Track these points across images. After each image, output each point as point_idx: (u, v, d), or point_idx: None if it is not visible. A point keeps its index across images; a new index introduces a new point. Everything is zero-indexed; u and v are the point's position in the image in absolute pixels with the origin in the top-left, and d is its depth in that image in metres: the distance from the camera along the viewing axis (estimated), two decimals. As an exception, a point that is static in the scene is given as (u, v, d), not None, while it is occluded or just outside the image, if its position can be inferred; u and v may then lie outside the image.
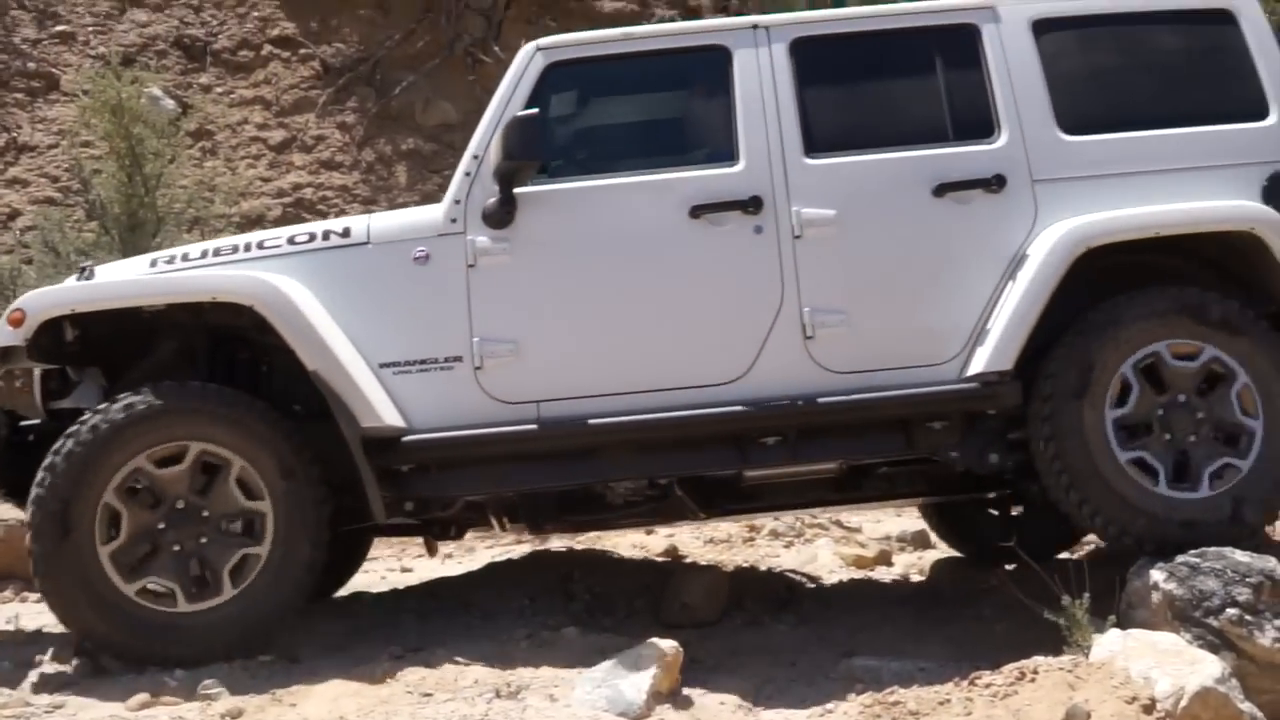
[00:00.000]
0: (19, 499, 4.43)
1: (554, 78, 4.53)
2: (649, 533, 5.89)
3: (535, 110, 4.30)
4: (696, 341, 4.34)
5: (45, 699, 3.85)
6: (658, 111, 5.09)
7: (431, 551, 5.29)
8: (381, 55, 10.58)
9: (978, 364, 4.27)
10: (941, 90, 4.65)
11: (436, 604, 4.91)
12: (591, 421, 4.25)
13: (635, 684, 3.72)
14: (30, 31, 10.26)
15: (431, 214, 4.46)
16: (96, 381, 4.54)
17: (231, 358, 4.52)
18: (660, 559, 5.81)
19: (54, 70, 10.08)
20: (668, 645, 3.82)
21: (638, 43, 4.72)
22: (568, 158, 4.71)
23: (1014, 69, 4.57)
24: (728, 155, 4.47)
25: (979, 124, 4.54)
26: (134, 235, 8.21)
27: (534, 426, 4.25)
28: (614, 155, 4.82)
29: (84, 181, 9.00)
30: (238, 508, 4.15)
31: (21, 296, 4.40)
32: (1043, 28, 4.63)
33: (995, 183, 4.41)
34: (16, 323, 4.17)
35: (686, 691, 3.86)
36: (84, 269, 4.51)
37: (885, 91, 4.78)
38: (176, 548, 4.10)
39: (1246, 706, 3.50)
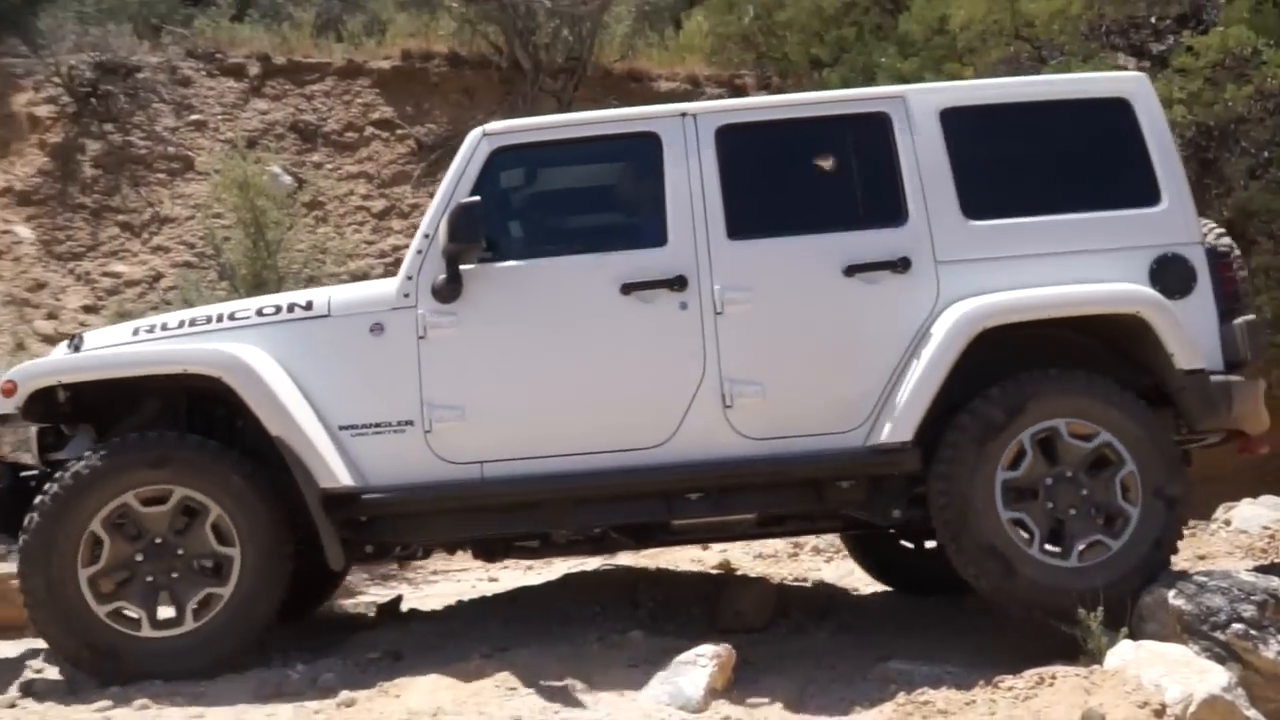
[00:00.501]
0: (12, 538, 4.27)
1: (499, 161, 4.35)
2: (705, 548, 5.86)
3: (478, 198, 4.14)
4: (626, 408, 4.21)
5: (189, 688, 3.92)
6: (595, 193, 4.91)
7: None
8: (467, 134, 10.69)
9: (881, 433, 4.13)
10: (854, 176, 4.44)
11: (519, 610, 4.89)
12: (529, 480, 4.14)
13: (694, 682, 3.72)
14: (169, 120, 10.56)
15: (386, 288, 4.33)
16: (88, 435, 4.41)
17: (209, 413, 4.38)
18: (715, 571, 5.80)
19: (189, 153, 10.35)
20: (722, 649, 3.82)
21: (577, 128, 4.58)
22: (511, 236, 4.56)
23: (922, 157, 4.34)
24: (656, 237, 4.29)
25: (888, 209, 4.33)
26: (259, 292, 8.38)
27: (478, 484, 4.15)
28: (553, 235, 4.77)
29: (216, 248, 9.22)
30: (209, 550, 4.08)
31: (13, 369, 4.31)
32: (950, 117, 4.40)
33: (901, 265, 4.23)
34: (9, 393, 4.12)
35: (739, 690, 3.83)
36: (73, 338, 4.48)
37: (803, 177, 4.51)
38: (149, 579, 4.05)
39: (1252, 714, 3.44)
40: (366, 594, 6.36)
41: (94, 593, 4.03)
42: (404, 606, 5.50)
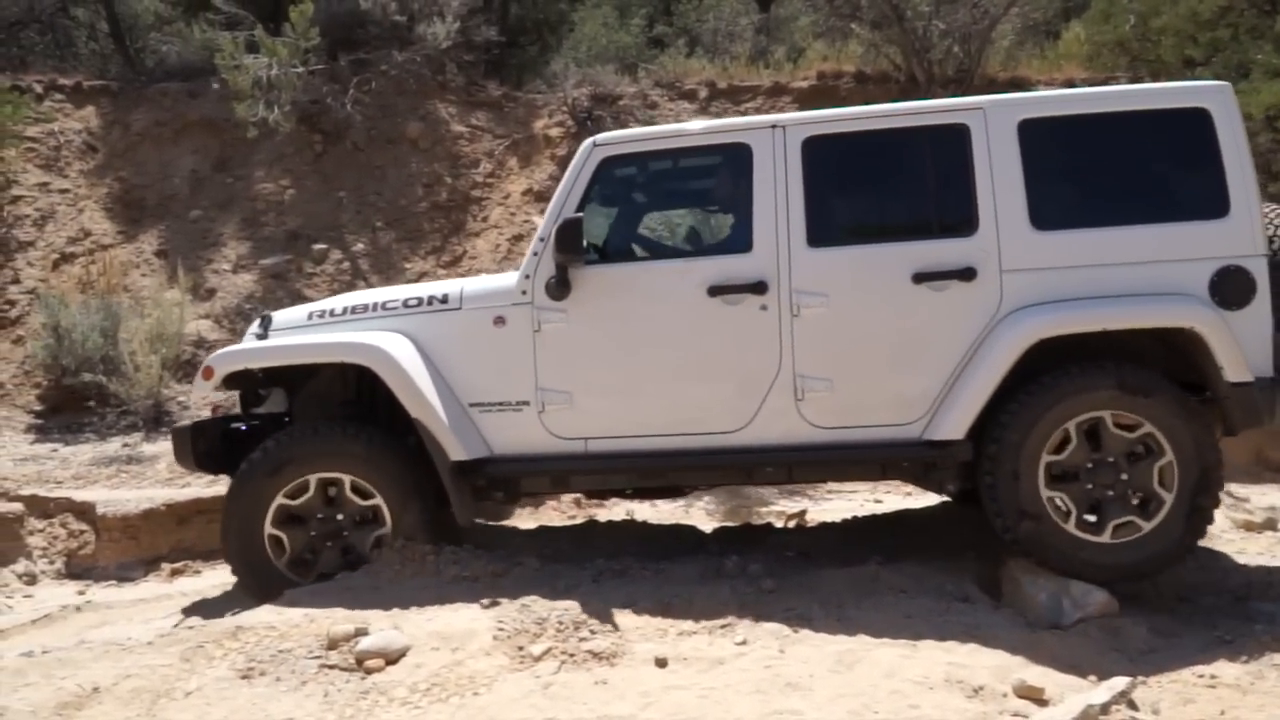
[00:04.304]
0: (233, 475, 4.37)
1: (608, 170, 4.08)
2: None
3: (581, 214, 3.94)
4: (709, 397, 3.98)
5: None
6: (692, 201, 4.64)
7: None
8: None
9: (937, 429, 3.83)
10: (930, 187, 3.97)
11: (904, 530, 4.83)
12: (624, 456, 4.01)
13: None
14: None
15: (508, 283, 4.14)
16: (280, 396, 4.56)
17: (374, 381, 4.20)
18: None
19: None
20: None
21: (678, 139, 4.18)
22: (615, 240, 4.30)
23: (997, 169, 3.84)
24: (744, 244, 3.96)
25: (960, 220, 3.88)
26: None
27: (582, 457, 4.04)
28: (652, 240, 4.52)
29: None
30: (356, 509, 4.13)
31: (210, 355, 4.35)
32: (1027, 129, 3.87)
33: (968, 274, 3.82)
34: (208, 376, 4.20)
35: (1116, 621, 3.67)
36: (263, 318, 4.47)
37: (881, 187, 4.10)
38: (329, 543, 4.14)
39: None
40: (776, 505, 6.47)
41: (273, 551, 4.16)
42: (809, 519, 5.59)
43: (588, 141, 4.12)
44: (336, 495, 4.15)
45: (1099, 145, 3.90)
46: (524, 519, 5.30)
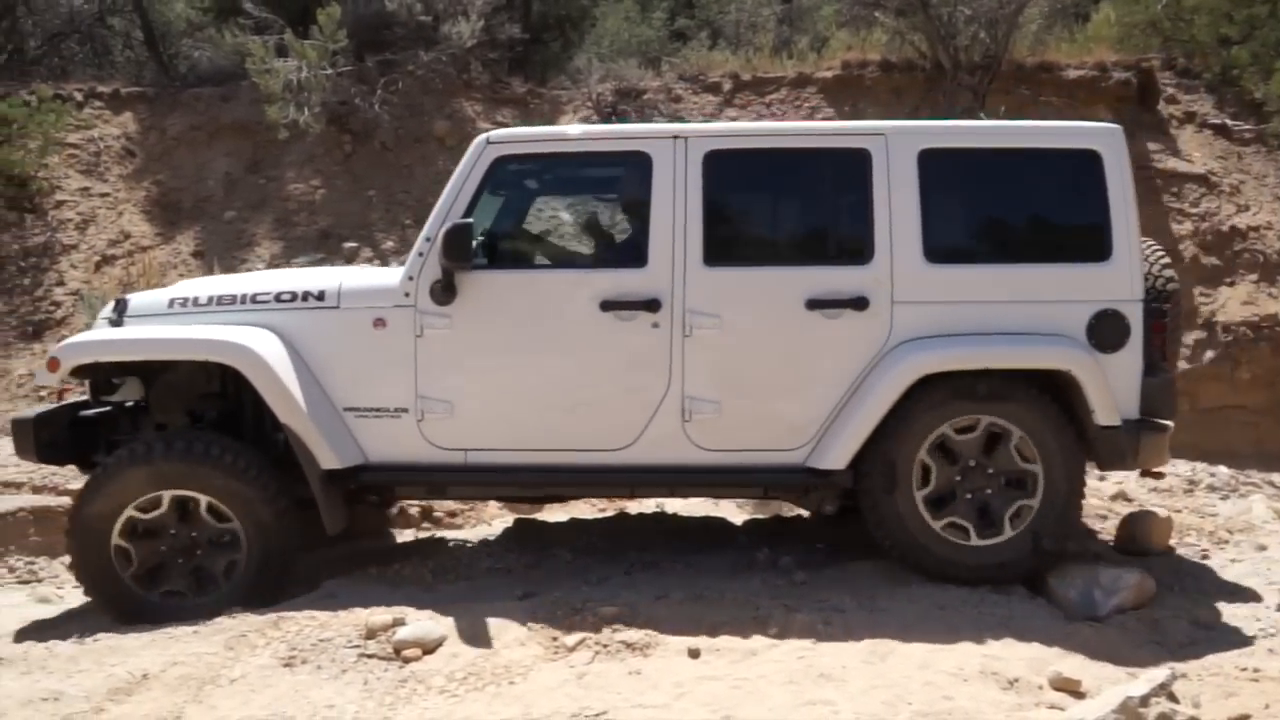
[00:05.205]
0: (85, 469, 4.16)
1: (501, 169, 3.87)
2: (1101, 479, 5.39)
3: (470, 220, 3.74)
4: (596, 414, 3.84)
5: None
6: (586, 209, 4.44)
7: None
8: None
9: (819, 459, 3.77)
10: (829, 212, 3.93)
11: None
12: (505, 470, 3.87)
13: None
14: (665, 128, 11.10)
15: (390, 283, 3.89)
16: (135, 384, 4.12)
17: (240, 377, 3.91)
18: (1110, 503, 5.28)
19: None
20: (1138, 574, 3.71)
21: (575, 143, 4.04)
22: (504, 246, 4.12)
23: (895, 198, 3.74)
24: (640, 258, 3.80)
25: (856, 247, 3.80)
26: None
27: (461, 469, 3.88)
28: (545, 248, 4.36)
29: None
30: (212, 530, 3.85)
31: (56, 346, 4.11)
32: (927, 159, 3.77)
33: (860, 303, 3.74)
34: (54, 368, 3.90)
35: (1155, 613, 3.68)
36: (118, 302, 4.13)
37: (780, 207, 3.99)
38: (180, 560, 3.87)
39: None
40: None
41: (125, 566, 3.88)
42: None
43: (480, 138, 3.91)
44: (192, 513, 3.86)
45: (994, 180, 3.86)
46: (554, 512, 5.33)
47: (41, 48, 12.06)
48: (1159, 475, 4.10)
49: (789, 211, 4.03)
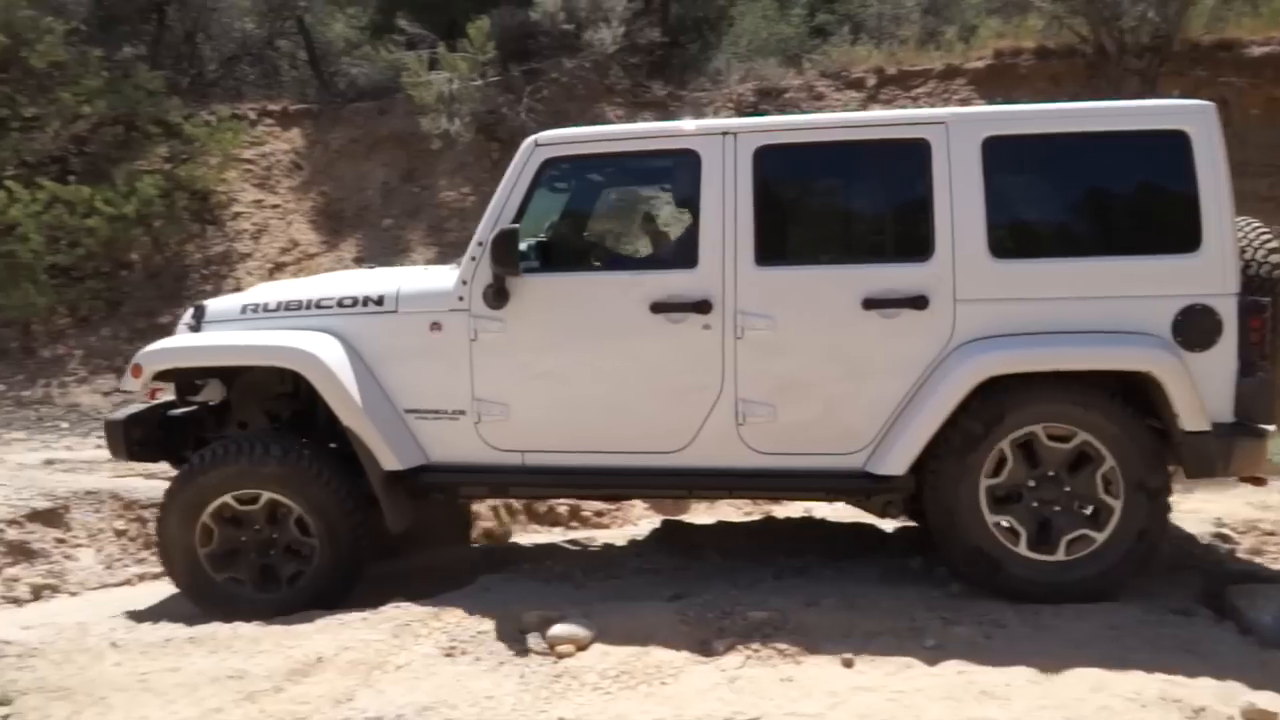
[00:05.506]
0: (175, 466, 4.30)
1: (550, 170, 3.81)
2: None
3: (517, 226, 3.68)
4: (648, 417, 3.75)
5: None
6: (637, 209, 4.28)
7: None
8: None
9: (878, 463, 3.62)
10: (886, 206, 3.75)
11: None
12: (560, 471, 3.83)
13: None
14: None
15: (445, 286, 3.87)
16: (216, 385, 4.28)
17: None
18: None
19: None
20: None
21: (623, 142, 3.91)
22: (556, 247, 4.05)
23: (957, 190, 3.51)
24: (690, 259, 3.67)
25: (915, 243, 3.58)
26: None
27: (519, 470, 3.85)
28: (594, 249, 4.21)
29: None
30: (294, 539, 3.96)
31: (139, 353, 4.18)
32: (992, 147, 3.51)
33: (920, 302, 3.54)
34: (137, 374, 4.06)
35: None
36: (197, 307, 4.27)
37: (835, 204, 3.85)
38: (253, 555, 3.99)
39: None
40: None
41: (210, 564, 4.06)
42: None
43: (529, 140, 3.89)
44: (281, 518, 3.99)
45: (1068, 168, 3.58)
46: (701, 514, 5.34)
47: (218, 71, 13.01)
48: (1260, 482, 3.70)
49: (844, 207, 3.91)
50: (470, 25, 9.80)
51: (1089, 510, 3.53)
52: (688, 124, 3.92)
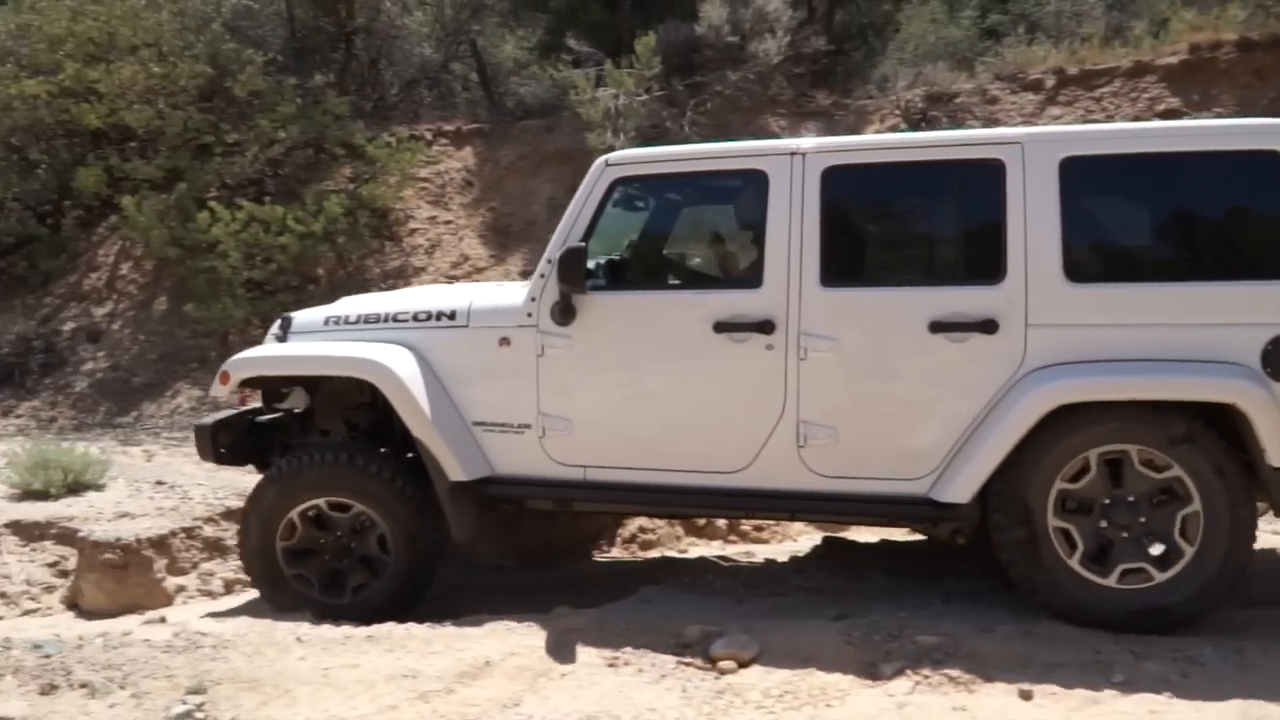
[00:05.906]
0: (261, 470, 4.42)
1: (619, 190, 3.84)
2: None
3: (584, 244, 3.72)
4: (709, 436, 3.75)
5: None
6: (705, 229, 4.20)
7: None
8: (1258, 115, 9.10)
9: (942, 491, 3.53)
10: (956, 228, 3.66)
11: None
12: (621, 488, 3.86)
13: None
14: (978, 131, 10.47)
15: (514, 303, 3.94)
16: (300, 393, 4.42)
17: None
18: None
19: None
20: None
21: (693, 162, 3.93)
22: (623, 265, 4.06)
23: (1031, 212, 3.40)
24: (754, 279, 3.67)
25: (986, 266, 3.48)
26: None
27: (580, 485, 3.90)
28: (661, 268, 4.18)
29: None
30: (371, 552, 4.06)
31: (227, 361, 4.34)
32: (1071, 167, 3.39)
33: (989, 326, 3.44)
34: (225, 381, 4.22)
35: None
36: (284, 319, 4.41)
37: (903, 225, 3.80)
38: (326, 558, 4.13)
39: None
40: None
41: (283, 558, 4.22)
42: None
43: (599, 160, 3.95)
44: (364, 530, 4.12)
45: (1149, 189, 3.46)
46: (864, 533, 5.21)
47: (398, 95, 13.83)
48: None
49: (912, 229, 3.86)
50: (637, 41, 10.00)
51: (1157, 550, 3.42)
52: (757, 144, 3.99)
